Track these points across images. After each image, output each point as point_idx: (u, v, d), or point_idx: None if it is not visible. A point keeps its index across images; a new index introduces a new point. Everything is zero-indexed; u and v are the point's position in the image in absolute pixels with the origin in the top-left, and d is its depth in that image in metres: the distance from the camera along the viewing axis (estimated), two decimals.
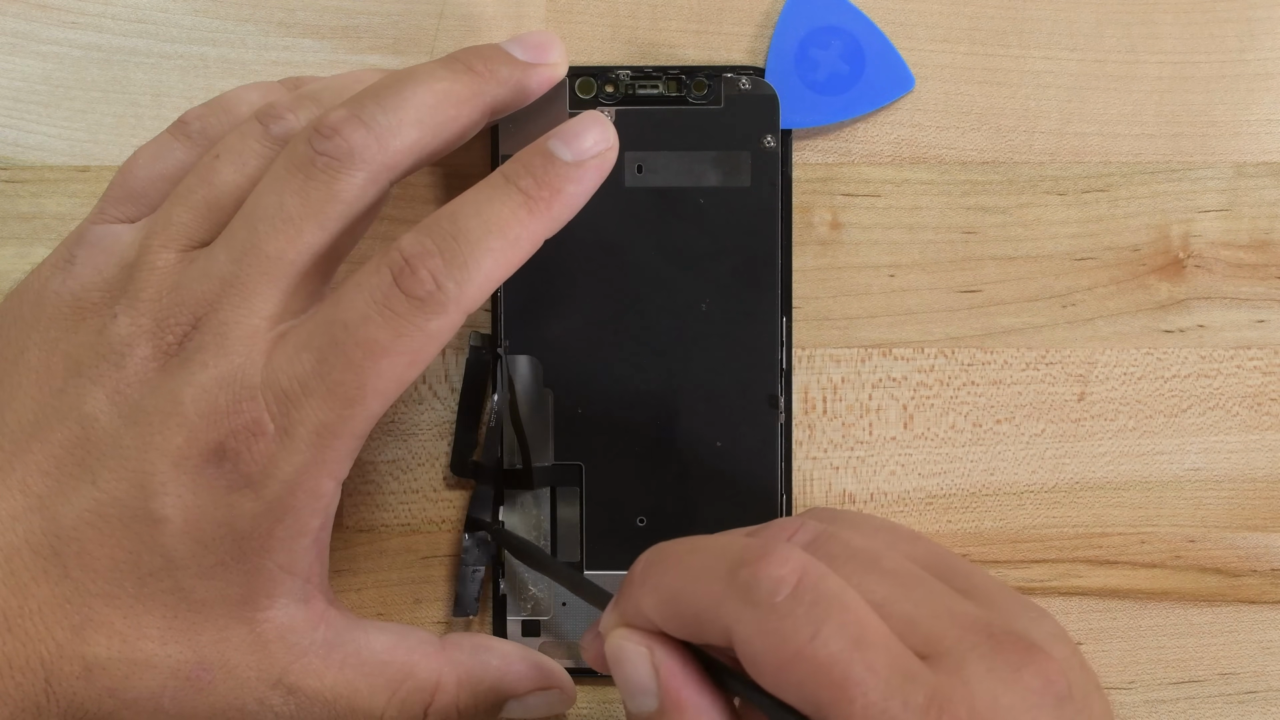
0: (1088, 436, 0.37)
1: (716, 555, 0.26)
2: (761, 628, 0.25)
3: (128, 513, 0.29)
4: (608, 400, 0.35)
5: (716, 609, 0.26)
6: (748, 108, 0.35)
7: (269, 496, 0.29)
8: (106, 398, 0.30)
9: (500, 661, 0.33)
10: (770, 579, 0.25)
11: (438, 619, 0.37)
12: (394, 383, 0.29)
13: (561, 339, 0.35)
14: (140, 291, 0.30)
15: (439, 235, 0.29)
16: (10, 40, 0.36)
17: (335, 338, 0.29)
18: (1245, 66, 0.37)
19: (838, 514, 0.31)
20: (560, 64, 0.33)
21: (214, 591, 0.30)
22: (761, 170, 0.35)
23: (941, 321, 0.37)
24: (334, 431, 0.29)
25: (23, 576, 0.29)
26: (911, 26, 0.37)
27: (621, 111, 0.35)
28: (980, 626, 0.26)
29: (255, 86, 0.33)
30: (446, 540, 0.37)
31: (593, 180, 0.31)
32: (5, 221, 0.36)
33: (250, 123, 0.31)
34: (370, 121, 0.30)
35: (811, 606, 0.25)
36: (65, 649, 0.29)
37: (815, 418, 0.37)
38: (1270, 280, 0.37)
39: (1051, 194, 0.37)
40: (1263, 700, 0.37)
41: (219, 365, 0.29)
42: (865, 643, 0.25)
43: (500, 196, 0.30)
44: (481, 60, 0.32)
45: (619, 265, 0.35)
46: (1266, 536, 0.37)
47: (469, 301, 0.29)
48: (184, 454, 0.29)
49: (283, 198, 0.30)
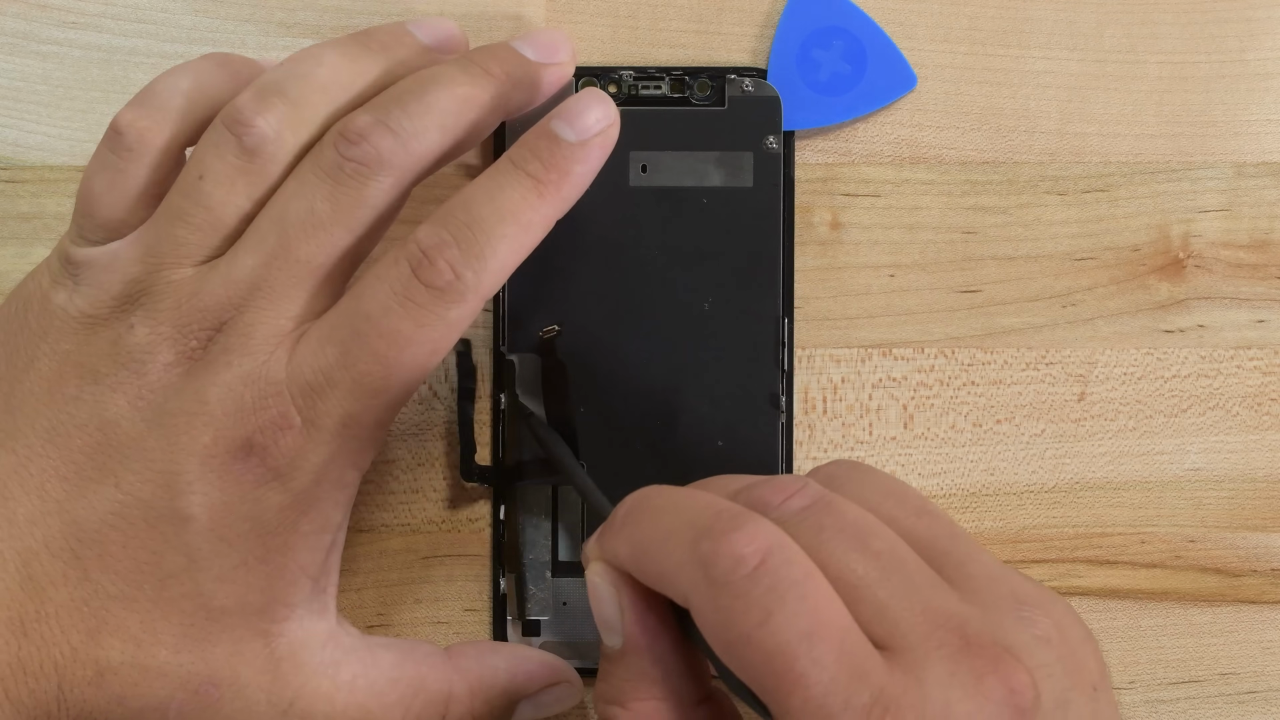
0: (1088, 436, 0.37)
1: (688, 520, 0.26)
2: (715, 604, 0.25)
3: (153, 513, 0.29)
4: (609, 399, 0.36)
5: (677, 573, 0.26)
6: (751, 109, 0.35)
7: (296, 488, 0.29)
8: (128, 403, 0.30)
9: (508, 664, 0.33)
10: (730, 556, 0.25)
11: (438, 619, 0.37)
12: (417, 371, 0.30)
13: (564, 338, 0.35)
14: (158, 302, 0.30)
15: (454, 225, 0.30)
16: (10, 40, 0.36)
17: (358, 330, 0.29)
18: (1245, 66, 0.37)
19: (854, 471, 0.30)
20: (570, 63, 0.34)
21: (233, 597, 0.30)
22: (764, 171, 0.36)
23: (941, 321, 0.37)
24: (359, 421, 0.30)
25: (40, 580, 0.29)
26: (912, 26, 0.37)
27: (625, 111, 0.35)
28: (954, 625, 0.25)
29: (183, 70, 0.32)
30: (446, 540, 0.37)
31: (598, 157, 0.32)
32: (5, 221, 0.36)
33: (222, 134, 0.31)
34: (397, 127, 0.30)
35: (767, 591, 0.25)
36: (79, 653, 0.29)
37: (815, 418, 0.37)
38: (1270, 280, 0.37)
39: (1051, 194, 0.37)
40: (1263, 700, 0.37)
41: (243, 364, 0.29)
42: (816, 635, 0.24)
43: (510, 183, 0.30)
44: (496, 61, 0.32)
45: (622, 264, 0.35)
46: (1266, 536, 0.37)
47: (487, 288, 0.30)
48: (211, 451, 0.29)
49: (313, 203, 0.30)
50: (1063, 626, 0.27)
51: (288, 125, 0.31)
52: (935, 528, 0.28)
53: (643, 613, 0.28)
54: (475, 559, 0.37)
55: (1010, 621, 0.26)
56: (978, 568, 0.27)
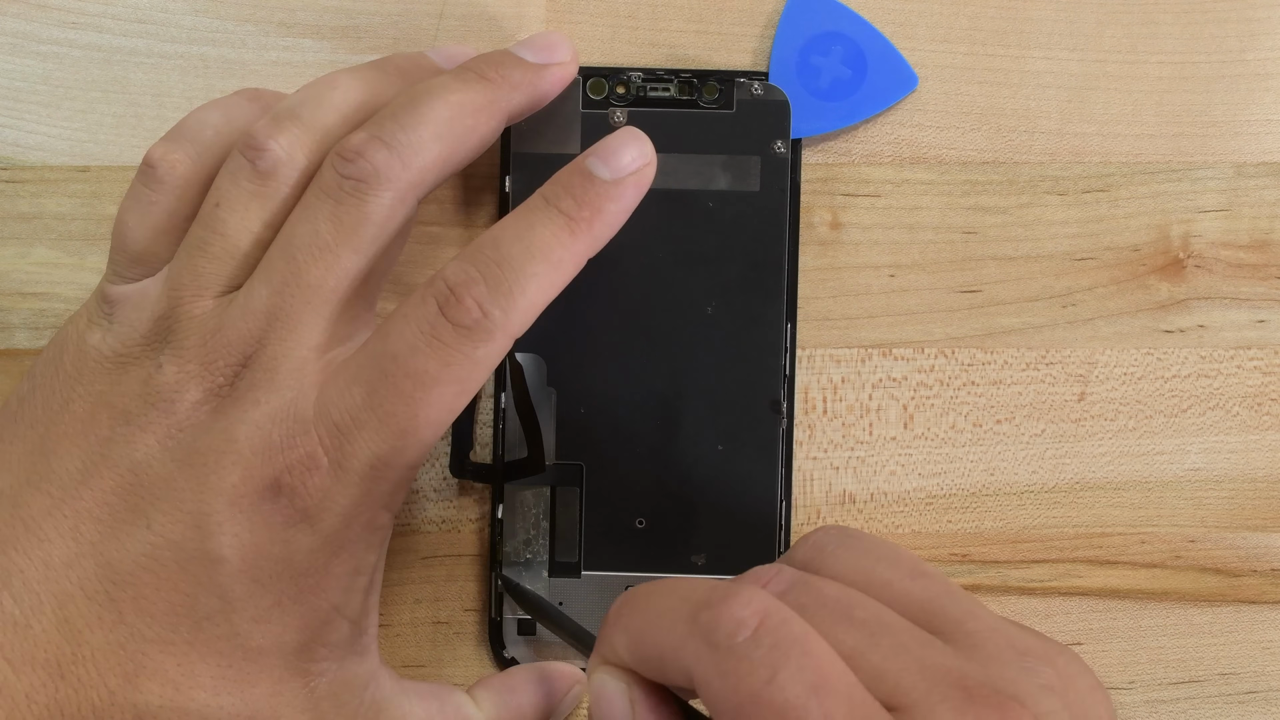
0: (1088, 436, 0.37)
1: (682, 597, 0.26)
2: (720, 669, 0.25)
3: (184, 554, 0.29)
4: (610, 401, 0.36)
5: (678, 650, 0.26)
6: (759, 113, 0.35)
7: (325, 530, 0.29)
8: (158, 443, 0.30)
9: (530, 697, 0.33)
10: (730, 620, 0.25)
11: (438, 619, 0.37)
12: (445, 411, 0.29)
13: (566, 338, 0.35)
14: (184, 340, 0.30)
15: (482, 262, 0.29)
16: (10, 40, 0.36)
17: (385, 369, 0.29)
18: (1245, 66, 0.37)
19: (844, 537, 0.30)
20: (571, 63, 0.33)
21: (270, 638, 0.29)
22: (771, 175, 0.35)
23: (941, 321, 0.37)
24: (387, 463, 0.29)
25: (76, 623, 0.29)
26: (911, 27, 0.37)
27: (633, 113, 0.35)
28: (953, 679, 0.25)
29: (215, 106, 0.33)
30: (446, 540, 0.37)
31: (632, 197, 0.31)
32: (5, 221, 0.36)
33: (237, 160, 0.31)
34: (391, 141, 0.30)
35: (771, 649, 0.24)
36: (117, 696, 0.29)
37: (815, 418, 0.37)
38: (1270, 280, 0.37)
39: (1051, 194, 0.37)
40: (1263, 700, 0.37)
41: (271, 401, 0.29)
42: (824, 689, 0.24)
43: (542, 220, 0.30)
44: (493, 67, 0.32)
45: (626, 266, 0.35)
46: (1266, 536, 0.37)
47: (515, 327, 0.29)
48: (240, 491, 0.29)
49: (316, 225, 0.30)
50: (1068, 676, 0.26)
51: (300, 147, 0.31)
52: (931, 588, 0.28)
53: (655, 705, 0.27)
54: (475, 559, 0.37)
55: (1013, 672, 0.26)
56: (977, 624, 0.27)
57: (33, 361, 0.34)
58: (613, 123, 0.35)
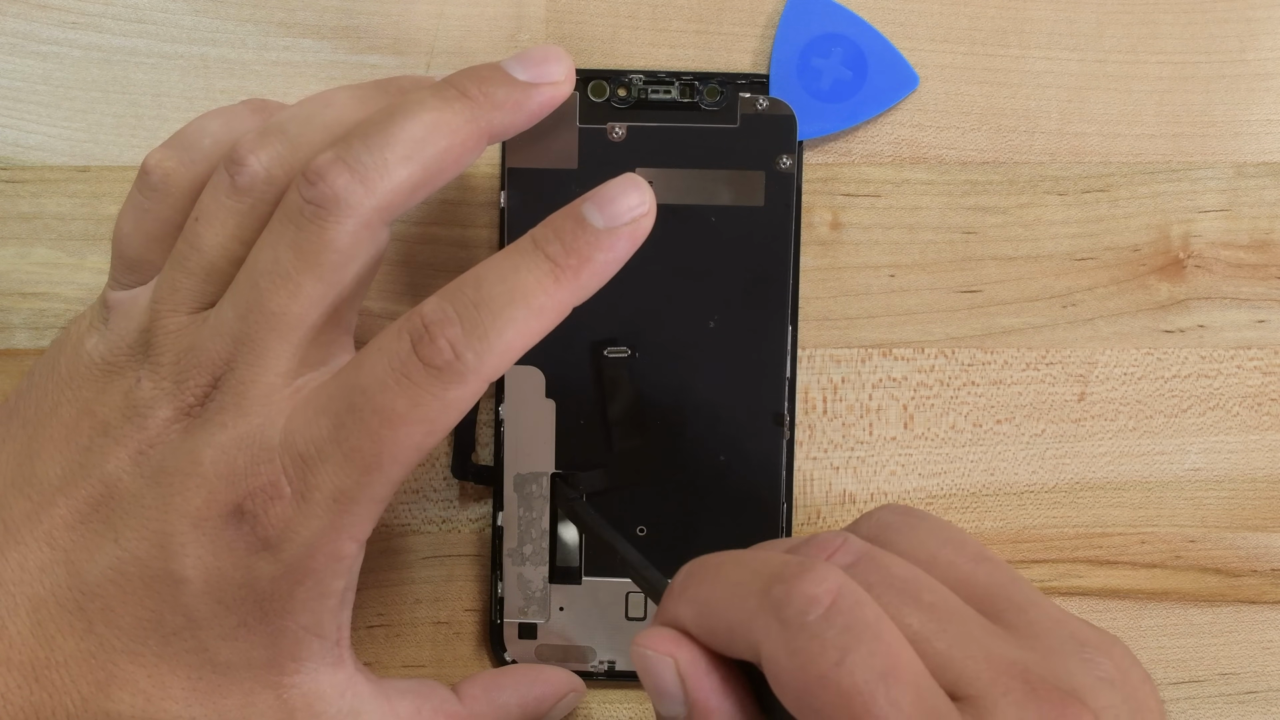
0: (1088, 436, 0.37)
1: (754, 570, 0.26)
2: (789, 646, 0.24)
3: (149, 572, 0.29)
4: (609, 413, 0.36)
5: (748, 624, 0.25)
6: (764, 128, 0.35)
7: (287, 559, 0.28)
8: (129, 458, 0.29)
9: (517, 696, 0.33)
10: (804, 597, 0.25)
11: (438, 619, 0.37)
12: (412, 450, 0.28)
13: (566, 351, 0.35)
14: (160, 355, 0.30)
15: (461, 302, 0.28)
16: (10, 40, 0.36)
17: (353, 403, 0.28)
18: (1245, 66, 0.37)
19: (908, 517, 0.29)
20: (565, 83, 0.31)
21: (238, 654, 0.29)
22: (775, 190, 0.35)
23: (941, 321, 0.37)
24: (351, 497, 0.28)
25: (49, 628, 0.29)
26: (911, 27, 0.37)
27: (635, 128, 0.35)
28: (1017, 671, 0.25)
29: (217, 114, 0.32)
30: (446, 540, 0.37)
31: (625, 248, 0.30)
32: (5, 221, 0.36)
33: (220, 174, 0.30)
34: (355, 164, 0.28)
35: (843, 631, 0.24)
36: (90, 704, 0.29)
37: (815, 418, 0.37)
38: (1270, 280, 0.37)
39: (1051, 194, 0.37)
40: (1263, 700, 0.37)
41: (237, 425, 0.29)
42: (893, 676, 0.24)
43: (527, 263, 0.29)
44: (476, 84, 0.30)
45: (628, 279, 0.35)
46: (1266, 536, 0.37)
47: (489, 371, 0.28)
48: (203, 514, 0.28)
49: (277, 251, 0.29)
50: (1124, 668, 0.26)
51: (280, 164, 0.30)
52: (995, 574, 0.28)
53: (707, 673, 0.26)
54: (475, 559, 0.37)
55: (1074, 664, 0.26)
56: (1038, 613, 0.27)
57: (34, 361, 0.34)
58: (611, 138, 0.35)
